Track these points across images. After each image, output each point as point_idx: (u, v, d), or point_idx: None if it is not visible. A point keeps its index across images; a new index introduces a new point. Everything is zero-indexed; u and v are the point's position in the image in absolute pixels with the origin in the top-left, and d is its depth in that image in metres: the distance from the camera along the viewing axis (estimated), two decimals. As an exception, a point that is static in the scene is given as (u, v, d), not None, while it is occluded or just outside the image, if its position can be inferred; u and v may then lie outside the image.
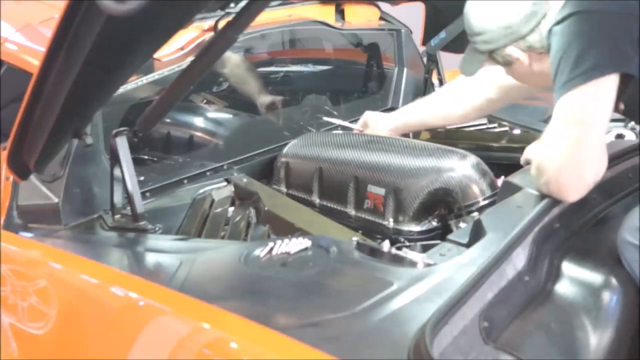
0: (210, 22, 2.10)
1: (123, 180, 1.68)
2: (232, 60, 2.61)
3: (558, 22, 1.50)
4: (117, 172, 1.69)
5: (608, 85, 1.42)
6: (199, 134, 2.54)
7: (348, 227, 1.84)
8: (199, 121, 2.60)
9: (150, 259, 1.60)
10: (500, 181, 1.83)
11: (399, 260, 1.36)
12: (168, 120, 2.44)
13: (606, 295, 1.35)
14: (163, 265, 1.53)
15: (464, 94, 2.12)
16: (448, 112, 2.17)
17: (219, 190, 2.00)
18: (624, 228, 1.41)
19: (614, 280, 1.37)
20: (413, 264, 1.34)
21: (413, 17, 2.76)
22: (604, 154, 1.46)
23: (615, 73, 1.42)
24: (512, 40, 1.65)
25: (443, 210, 1.86)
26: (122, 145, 1.68)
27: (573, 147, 1.42)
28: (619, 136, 2.11)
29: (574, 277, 1.39)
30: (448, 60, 2.64)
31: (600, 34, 1.45)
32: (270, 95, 2.60)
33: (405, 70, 2.76)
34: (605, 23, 1.45)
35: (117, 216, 1.72)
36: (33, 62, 1.85)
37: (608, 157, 1.51)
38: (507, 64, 1.72)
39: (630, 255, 1.38)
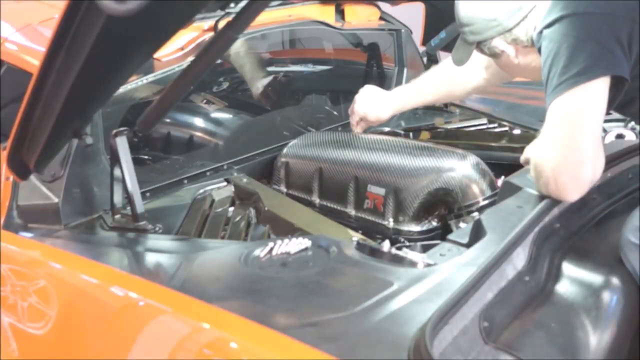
0: (210, 22, 2.10)
1: (123, 180, 1.68)
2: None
3: (547, 26, 1.49)
4: (117, 172, 1.69)
5: (598, 88, 1.43)
6: (199, 134, 2.54)
7: (348, 227, 1.83)
8: (199, 121, 2.60)
9: (150, 259, 1.60)
10: (500, 181, 1.83)
11: (399, 260, 1.37)
12: (168, 120, 2.44)
13: (606, 295, 1.35)
14: (163, 265, 1.53)
15: (462, 72, 2.07)
16: (448, 90, 2.19)
17: (219, 190, 2.00)
18: (627, 229, 1.42)
19: (614, 280, 1.37)
20: (413, 264, 1.34)
21: (413, 17, 2.76)
22: (601, 154, 1.47)
23: (604, 76, 1.43)
24: (498, 33, 1.66)
25: (443, 210, 1.86)
26: (122, 145, 1.68)
27: (567, 148, 1.43)
28: (619, 136, 2.11)
29: (574, 277, 1.39)
30: (448, 60, 2.64)
31: (589, 36, 1.45)
32: (263, 79, 2.58)
33: (405, 70, 2.76)
34: (593, 25, 1.45)
35: (117, 216, 1.73)
36: (33, 62, 1.85)
37: (608, 157, 1.52)
38: (494, 55, 1.74)
39: (633, 256, 1.38)
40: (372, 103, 2.19)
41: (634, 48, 1.45)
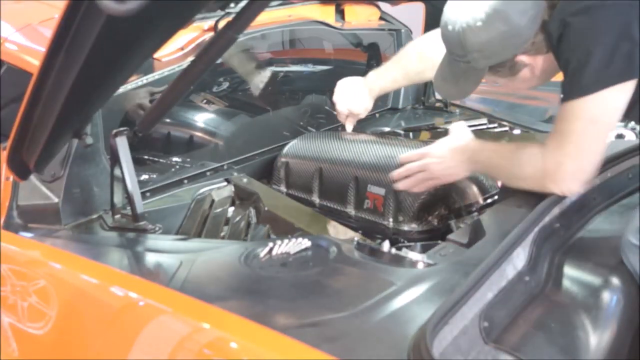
0: (210, 22, 2.10)
1: (123, 180, 1.68)
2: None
3: (574, 14, 1.42)
4: (117, 172, 1.69)
5: (627, 89, 1.41)
6: (199, 134, 2.54)
7: (348, 227, 1.83)
8: (199, 121, 2.60)
9: (150, 259, 1.60)
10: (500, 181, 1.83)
11: (399, 260, 1.37)
12: (168, 120, 2.44)
13: (606, 295, 1.35)
14: (163, 265, 1.53)
15: (431, 55, 1.95)
16: (419, 74, 2.13)
17: (219, 190, 2.00)
18: (627, 230, 1.41)
19: (614, 280, 1.37)
20: (413, 264, 1.34)
21: (413, 17, 2.76)
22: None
23: (637, 78, 1.40)
24: (520, 47, 1.53)
25: (443, 210, 1.86)
26: (122, 145, 1.68)
27: (590, 152, 1.45)
28: (619, 136, 2.12)
29: (574, 277, 1.39)
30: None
31: (623, 32, 1.38)
32: (258, 74, 2.60)
33: (405, 70, 2.75)
34: (623, 17, 1.39)
35: (117, 216, 1.73)
36: (33, 62, 1.85)
37: (608, 157, 1.53)
38: (515, 73, 1.61)
39: (634, 257, 1.38)
40: (352, 97, 2.17)
41: None
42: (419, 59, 2.09)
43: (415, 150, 1.82)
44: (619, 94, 1.42)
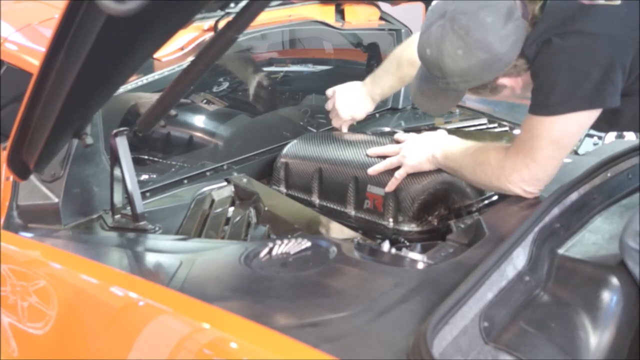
0: (210, 22, 2.10)
1: (123, 180, 1.68)
2: None
3: (560, 35, 1.43)
4: (117, 172, 1.69)
5: (592, 115, 1.48)
6: (199, 134, 2.54)
7: (348, 227, 1.83)
8: (199, 121, 2.60)
9: (150, 259, 1.60)
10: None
11: (399, 260, 1.37)
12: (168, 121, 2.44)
13: (606, 295, 1.35)
14: (163, 265, 1.53)
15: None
16: (410, 74, 2.08)
17: (219, 190, 2.00)
18: (626, 232, 1.41)
19: (614, 280, 1.37)
20: (413, 264, 1.34)
21: (413, 17, 2.76)
22: None
23: (602, 107, 1.47)
24: (501, 71, 1.52)
25: (443, 210, 1.86)
26: (122, 145, 1.68)
27: (549, 167, 1.53)
28: (619, 136, 2.12)
29: (574, 277, 1.39)
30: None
31: (599, 62, 1.42)
32: (256, 79, 2.61)
33: (405, 70, 2.75)
34: (608, 50, 1.42)
35: (117, 216, 1.73)
36: (33, 62, 1.85)
37: (608, 157, 1.54)
38: (496, 94, 1.63)
39: (632, 260, 1.38)
40: (356, 104, 2.17)
41: (634, 69, 1.44)
42: (411, 65, 2.07)
43: (389, 146, 1.90)
44: (582, 120, 1.49)
